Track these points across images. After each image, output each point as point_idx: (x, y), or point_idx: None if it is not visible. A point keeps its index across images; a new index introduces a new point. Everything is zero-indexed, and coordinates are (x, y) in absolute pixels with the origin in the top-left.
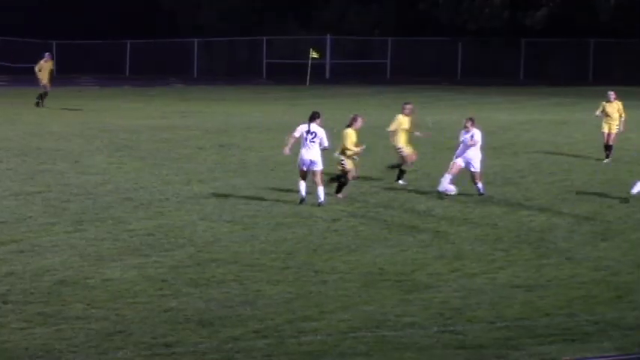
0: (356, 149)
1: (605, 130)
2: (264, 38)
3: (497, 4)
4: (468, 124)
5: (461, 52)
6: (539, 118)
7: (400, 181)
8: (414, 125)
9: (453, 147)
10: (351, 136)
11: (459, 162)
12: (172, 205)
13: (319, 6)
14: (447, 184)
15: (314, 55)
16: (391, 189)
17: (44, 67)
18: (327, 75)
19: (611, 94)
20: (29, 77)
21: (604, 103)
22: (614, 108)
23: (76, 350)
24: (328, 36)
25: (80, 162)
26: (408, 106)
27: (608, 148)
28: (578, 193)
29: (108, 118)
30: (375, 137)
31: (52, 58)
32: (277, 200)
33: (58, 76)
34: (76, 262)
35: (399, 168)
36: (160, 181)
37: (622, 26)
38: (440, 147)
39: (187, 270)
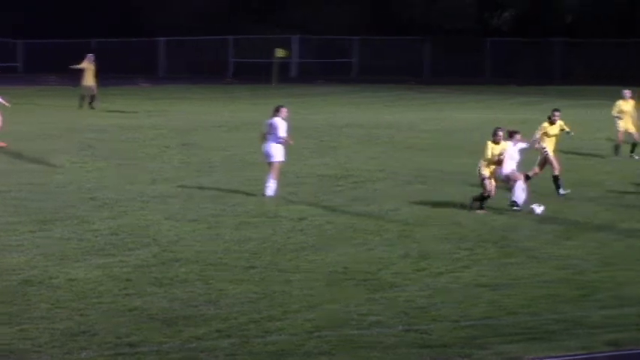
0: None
1: (622, 128)
2: (231, 37)
3: (465, 5)
4: (518, 136)
5: (428, 51)
6: (506, 117)
7: (561, 190)
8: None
9: (414, 146)
10: (492, 148)
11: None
12: (137, 204)
13: (287, 5)
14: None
15: (280, 54)
16: (356, 188)
17: (89, 69)
18: (295, 74)
19: (627, 93)
20: None
21: (620, 101)
22: (630, 105)
23: (40, 350)
24: (295, 35)
25: (45, 161)
26: (557, 113)
27: (618, 146)
28: (543, 190)
29: (74, 117)
30: (342, 136)
31: (95, 60)
32: (242, 199)
33: (24, 76)
34: (40, 261)
35: (556, 177)
36: (124, 181)
37: (587, 26)
38: (400, 146)
39: (151, 269)
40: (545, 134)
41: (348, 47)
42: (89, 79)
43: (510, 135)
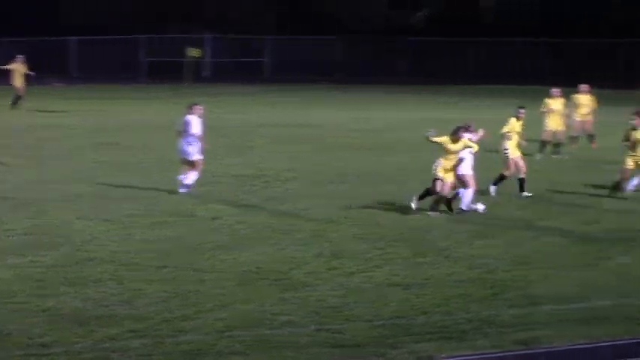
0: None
1: (549, 127)
2: (145, 37)
3: (380, 4)
4: (472, 128)
5: (344, 50)
6: (422, 116)
7: (494, 190)
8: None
9: (328, 145)
10: (449, 143)
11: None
12: (51, 204)
13: (201, 4)
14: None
15: (194, 53)
16: (271, 187)
17: (17, 70)
18: (208, 73)
19: (555, 91)
20: None
21: (548, 100)
22: (559, 104)
23: None
24: (209, 34)
25: None
26: (522, 111)
27: (544, 144)
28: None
29: None
30: (257, 136)
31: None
32: (157, 199)
33: None
34: None
35: (503, 176)
36: (39, 181)
37: (504, 26)
38: (314, 145)
39: (65, 269)
40: (513, 131)
41: (261, 46)
42: (17, 81)
43: (466, 129)
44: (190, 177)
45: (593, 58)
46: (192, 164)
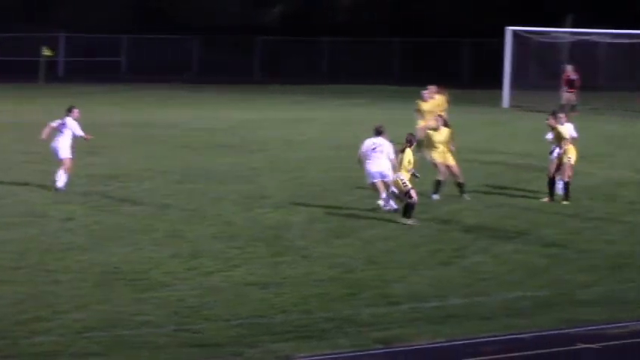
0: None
1: (422, 127)
2: None
3: (233, 2)
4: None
5: (196, 49)
6: (274, 116)
7: (465, 195)
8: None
9: (183, 145)
10: (408, 155)
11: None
12: None
13: (53, 3)
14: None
15: (47, 53)
16: (125, 187)
17: None
18: (61, 73)
19: (425, 94)
20: None
21: (419, 102)
22: (430, 105)
23: None
24: (62, 33)
25: None
26: (439, 119)
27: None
28: (313, 190)
29: None
30: (111, 136)
31: None
32: (6, 199)
33: None
34: None
35: (439, 181)
36: None
37: (357, 26)
38: (169, 145)
39: None
40: (431, 142)
41: (116, 46)
42: None
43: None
44: (62, 178)
45: (441, 58)
46: (61, 162)
